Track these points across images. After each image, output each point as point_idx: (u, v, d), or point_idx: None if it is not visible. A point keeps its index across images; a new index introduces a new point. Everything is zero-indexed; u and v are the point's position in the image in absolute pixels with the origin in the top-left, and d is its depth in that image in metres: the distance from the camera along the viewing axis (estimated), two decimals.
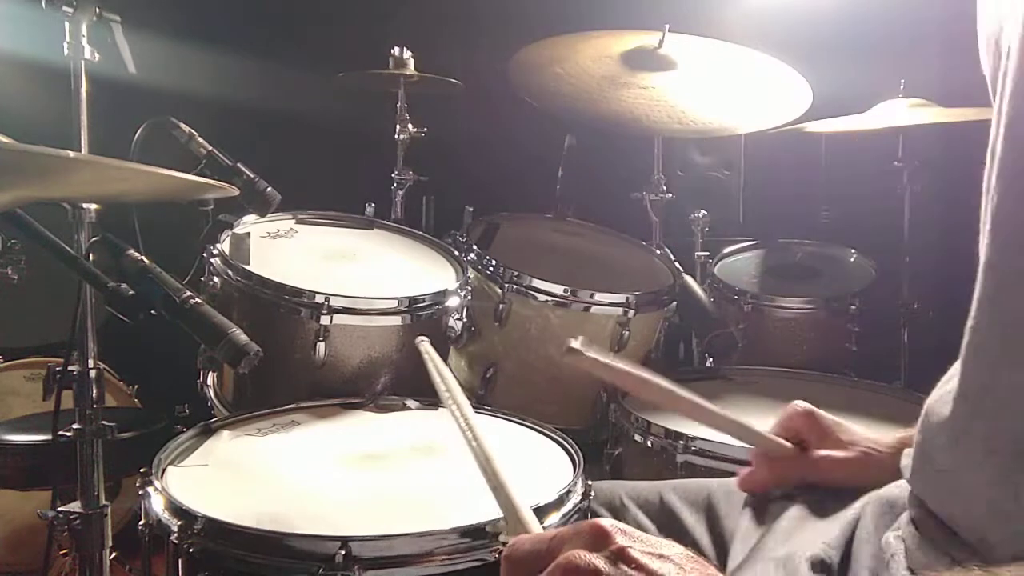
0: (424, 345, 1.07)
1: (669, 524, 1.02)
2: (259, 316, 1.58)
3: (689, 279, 2.07)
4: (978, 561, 0.66)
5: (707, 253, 2.41)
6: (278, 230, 1.82)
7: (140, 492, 1.09)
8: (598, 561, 0.57)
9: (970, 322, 0.69)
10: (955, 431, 0.70)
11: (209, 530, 1.00)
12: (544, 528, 0.69)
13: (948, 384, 0.73)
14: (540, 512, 1.02)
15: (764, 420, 1.60)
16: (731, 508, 1.00)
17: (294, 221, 1.87)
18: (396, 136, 2.42)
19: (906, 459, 0.78)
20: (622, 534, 0.59)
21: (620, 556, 0.57)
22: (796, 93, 2.12)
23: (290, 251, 1.77)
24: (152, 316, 1.02)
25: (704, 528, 1.01)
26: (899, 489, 0.84)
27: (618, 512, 1.06)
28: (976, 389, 0.68)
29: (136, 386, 2.44)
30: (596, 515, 1.06)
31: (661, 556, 0.57)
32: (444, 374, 0.96)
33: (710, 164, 2.97)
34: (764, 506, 0.97)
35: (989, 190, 0.67)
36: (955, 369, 0.72)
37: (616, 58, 2.13)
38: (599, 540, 0.58)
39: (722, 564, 0.95)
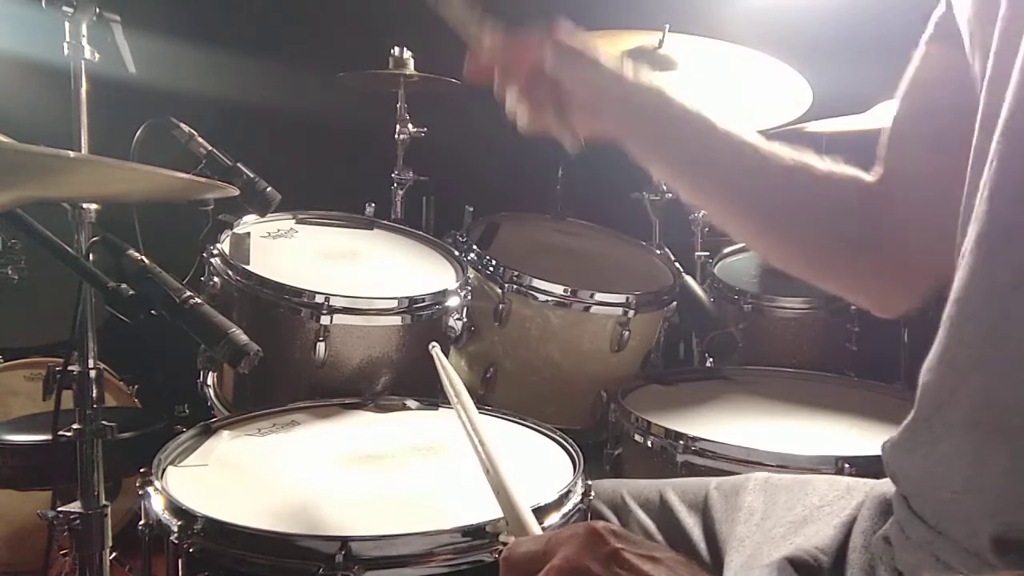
0: (436, 350, 1.11)
1: (668, 524, 1.03)
2: (259, 316, 1.58)
3: (689, 279, 2.07)
4: (963, 560, 0.65)
5: (707, 253, 2.40)
6: (278, 230, 1.82)
7: (140, 492, 1.08)
8: (592, 564, 0.59)
9: (955, 293, 0.68)
10: (938, 402, 0.70)
11: (209, 530, 1.00)
12: (544, 529, 0.70)
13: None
14: (540, 512, 1.02)
15: (764, 420, 1.63)
16: (726, 511, 1.00)
17: (294, 221, 1.87)
18: (396, 136, 2.42)
19: (888, 441, 0.78)
20: (616, 537, 0.60)
21: (613, 558, 0.59)
22: (796, 93, 2.12)
23: (290, 251, 1.77)
24: (152, 316, 1.02)
25: (700, 531, 1.01)
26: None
27: (620, 511, 1.06)
28: (965, 359, 0.67)
29: (136, 386, 2.44)
30: (599, 513, 1.06)
31: (653, 559, 0.59)
32: (453, 379, 0.98)
33: None
34: (760, 511, 0.97)
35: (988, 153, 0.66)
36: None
37: (616, 58, 2.12)
38: (593, 542, 0.60)
39: (716, 567, 0.95)
